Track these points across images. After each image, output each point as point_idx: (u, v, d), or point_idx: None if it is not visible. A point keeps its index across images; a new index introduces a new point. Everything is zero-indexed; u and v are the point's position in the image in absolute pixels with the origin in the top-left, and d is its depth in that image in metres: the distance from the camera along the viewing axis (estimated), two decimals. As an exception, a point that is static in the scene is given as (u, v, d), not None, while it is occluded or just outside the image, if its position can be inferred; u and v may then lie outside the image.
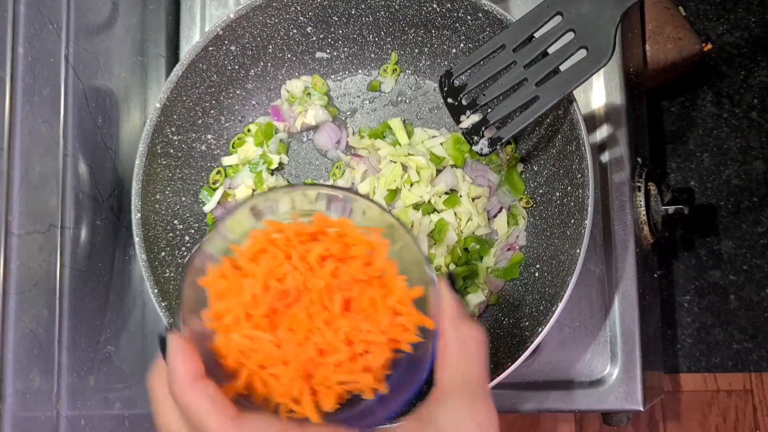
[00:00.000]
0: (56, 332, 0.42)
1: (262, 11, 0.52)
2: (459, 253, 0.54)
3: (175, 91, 0.51)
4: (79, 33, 0.46)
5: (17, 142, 0.39)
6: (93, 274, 0.47)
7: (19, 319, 0.38)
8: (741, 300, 0.94)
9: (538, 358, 0.56)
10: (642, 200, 0.58)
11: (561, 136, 0.50)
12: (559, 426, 0.90)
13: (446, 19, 0.53)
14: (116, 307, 0.50)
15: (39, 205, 0.41)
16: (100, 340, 0.47)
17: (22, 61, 0.40)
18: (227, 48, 0.52)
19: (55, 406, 0.41)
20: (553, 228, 0.52)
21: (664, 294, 0.95)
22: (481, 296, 0.54)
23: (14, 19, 0.40)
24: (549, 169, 0.53)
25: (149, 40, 0.57)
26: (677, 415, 0.92)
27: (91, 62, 0.47)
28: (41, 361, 0.40)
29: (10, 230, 0.38)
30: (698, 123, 0.99)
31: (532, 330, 0.48)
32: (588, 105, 0.58)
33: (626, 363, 0.56)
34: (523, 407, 0.56)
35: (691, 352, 0.94)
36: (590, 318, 0.56)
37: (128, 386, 0.51)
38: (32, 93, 0.41)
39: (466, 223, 0.54)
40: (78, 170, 0.45)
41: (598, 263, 0.56)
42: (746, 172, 0.97)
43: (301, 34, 0.55)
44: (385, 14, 0.54)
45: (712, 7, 1.02)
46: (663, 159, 0.99)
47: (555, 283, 0.49)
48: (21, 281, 0.39)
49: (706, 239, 0.96)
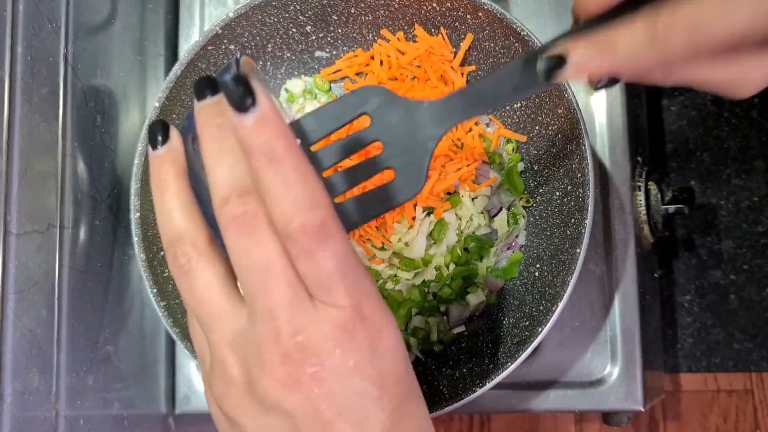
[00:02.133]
0: (55, 332, 0.42)
1: (261, 10, 0.52)
2: (459, 253, 0.53)
3: (174, 90, 0.51)
4: (78, 32, 0.46)
5: (16, 142, 0.39)
6: (92, 273, 0.47)
7: (18, 319, 0.38)
8: (741, 300, 0.94)
9: (538, 358, 0.56)
10: (642, 200, 0.58)
11: (561, 135, 0.50)
12: (559, 426, 0.90)
13: (446, 18, 0.53)
14: (115, 307, 0.50)
15: (38, 205, 0.41)
16: (98, 339, 0.47)
17: (21, 60, 0.40)
18: (226, 47, 0.52)
19: (53, 406, 0.41)
20: (553, 227, 0.52)
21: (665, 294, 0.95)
22: (481, 296, 0.54)
23: (13, 18, 0.39)
24: (549, 169, 0.53)
25: (148, 39, 0.57)
26: (677, 415, 0.92)
27: (90, 61, 0.47)
28: (40, 361, 0.40)
29: (8, 230, 0.38)
30: (698, 122, 0.99)
31: (532, 330, 0.47)
32: (588, 104, 0.58)
33: (626, 363, 0.55)
34: (523, 407, 0.56)
35: (691, 352, 0.94)
36: (590, 318, 0.56)
37: (127, 386, 0.51)
38: (31, 92, 0.40)
39: (466, 223, 0.54)
40: (77, 170, 0.45)
41: (598, 263, 0.56)
42: (746, 172, 0.97)
43: (300, 33, 0.55)
44: (384, 13, 0.54)
45: (713, 6, 1.01)
46: (663, 158, 0.98)
47: (555, 283, 0.49)
48: (19, 281, 0.39)
49: (707, 239, 0.96)
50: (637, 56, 0.29)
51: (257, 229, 0.27)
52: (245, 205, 0.27)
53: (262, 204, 0.27)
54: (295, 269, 0.27)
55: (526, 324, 0.49)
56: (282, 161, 0.26)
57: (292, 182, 0.26)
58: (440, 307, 0.54)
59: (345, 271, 0.27)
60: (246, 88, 0.26)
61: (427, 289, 0.54)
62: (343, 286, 0.27)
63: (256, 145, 0.26)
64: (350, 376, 0.28)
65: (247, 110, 0.26)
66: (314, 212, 0.26)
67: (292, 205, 0.26)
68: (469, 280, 0.54)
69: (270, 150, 0.26)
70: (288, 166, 0.26)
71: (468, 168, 0.54)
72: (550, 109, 0.51)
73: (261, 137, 0.26)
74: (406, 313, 0.53)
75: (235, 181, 0.27)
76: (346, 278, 0.27)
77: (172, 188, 0.30)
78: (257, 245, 0.27)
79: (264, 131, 0.26)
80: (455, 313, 0.54)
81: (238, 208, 0.27)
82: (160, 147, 0.30)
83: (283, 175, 0.26)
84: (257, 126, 0.26)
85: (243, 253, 0.27)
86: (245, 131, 0.26)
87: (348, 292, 0.27)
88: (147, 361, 0.55)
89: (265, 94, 0.26)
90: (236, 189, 0.27)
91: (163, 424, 0.57)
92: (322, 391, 0.27)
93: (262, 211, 0.27)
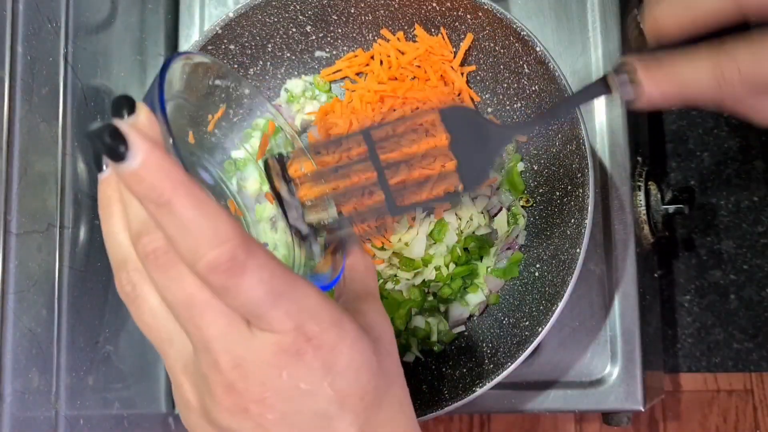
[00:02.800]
0: (55, 332, 0.42)
1: (261, 10, 0.52)
2: (459, 253, 0.53)
3: (174, 91, 0.51)
4: (78, 32, 0.46)
5: (16, 142, 0.39)
6: (92, 273, 0.47)
7: (18, 319, 0.38)
8: (741, 300, 0.94)
9: (538, 358, 0.56)
10: (642, 199, 0.58)
11: (561, 135, 0.50)
12: (559, 426, 0.90)
13: (446, 18, 0.52)
14: (115, 307, 0.50)
15: (38, 205, 0.41)
16: (98, 339, 0.47)
17: (21, 60, 0.40)
18: (226, 47, 0.52)
19: (53, 406, 0.41)
20: (553, 227, 0.52)
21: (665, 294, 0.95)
22: (481, 296, 0.54)
23: (13, 17, 0.39)
24: (549, 169, 0.53)
25: (148, 39, 0.57)
26: (677, 415, 0.92)
27: (90, 61, 0.47)
28: (40, 361, 0.40)
29: (8, 230, 0.38)
30: (698, 122, 0.99)
31: (532, 330, 0.47)
32: (588, 103, 0.58)
33: (626, 363, 0.55)
34: (523, 407, 0.56)
35: (691, 352, 0.94)
36: (590, 318, 0.56)
37: (127, 386, 0.51)
38: (31, 92, 0.40)
39: (466, 223, 0.54)
40: (77, 169, 0.45)
41: (598, 263, 0.56)
42: (746, 172, 0.97)
43: (300, 32, 0.55)
44: (384, 12, 0.54)
45: (713, 6, 1.01)
46: (663, 158, 0.98)
47: (555, 283, 0.49)
48: (19, 281, 0.39)
49: (707, 239, 0.96)
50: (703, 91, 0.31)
51: (171, 266, 0.26)
52: (154, 243, 0.26)
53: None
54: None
55: (526, 324, 0.49)
56: (171, 205, 0.24)
57: (188, 223, 0.24)
58: (440, 307, 0.54)
59: (275, 295, 0.26)
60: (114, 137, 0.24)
61: (427, 289, 0.54)
62: (280, 311, 0.26)
63: (141, 193, 0.25)
64: (303, 399, 0.27)
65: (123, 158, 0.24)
66: (219, 248, 0.25)
67: (193, 247, 0.25)
68: (469, 280, 0.54)
69: (157, 196, 0.24)
70: (179, 208, 0.24)
71: (468, 168, 0.53)
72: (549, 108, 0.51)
73: (142, 184, 0.24)
74: (406, 313, 0.53)
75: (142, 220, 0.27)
76: (279, 302, 0.26)
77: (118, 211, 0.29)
78: (176, 282, 0.26)
79: (144, 177, 0.24)
80: (455, 313, 0.54)
81: (149, 245, 0.26)
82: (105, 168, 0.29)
83: (176, 217, 0.24)
84: (137, 173, 0.24)
85: (165, 290, 0.26)
86: (126, 180, 0.25)
87: (287, 314, 0.26)
88: (147, 360, 0.55)
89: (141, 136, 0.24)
90: (145, 225, 0.26)
91: (163, 424, 0.57)
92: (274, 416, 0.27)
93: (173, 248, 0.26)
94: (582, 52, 0.59)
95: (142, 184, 0.24)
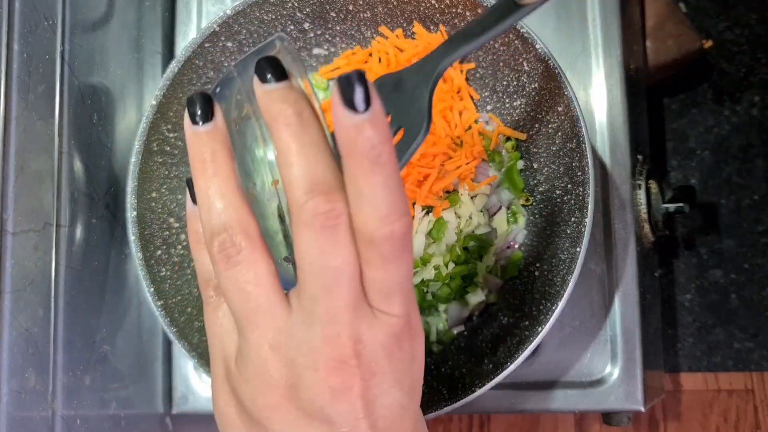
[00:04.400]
0: (51, 331, 0.42)
1: (259, 7, 0.51)
2: (458, 252, 0.53)
3: (171, 88, 0.50)
4: (74, 30, 0.45)
5: (12, 140, 0.39)
6: (88, 272, 0.47)
7: (14, 319, 0.38)
8: (742, 299, 0.94)
9: (538, 358, 0.56)
10: (643, 198, 0.58)
11: (561, 133, 0.50)
12: (559, 426, 0.90)
13: (445, 15, 0.52)
14: (112, 306, 0.50)
15: (34, 203, 0.41)
16: (95, 339, 0.47)
17: (17, 57, 0.39)
18: (224, 44, 0.52)
19: (50, 406, 0.41)
20: (553, 226, 0.52)
21: (665, 293, 0.95)
22: (481, 296, 0.53)
23: (9, 15, 0.39)
24: (549, 167, 0.52)
25: (145, 37, 0.57)
26: (678, 415, 0.91)
27: (87, 59, 0.47)
28: (36, 361, 0.40)
29: (4, 228, 0.38)
30: (699, 120, 0.98)
31: (532, 329, 0.47)
32: (588, 102, 0.58)
33: (626, 363, 0.55)
34: (523, 407, 0.56)
35: (691, 352, 0.93)
36: (590, 317, 0.56)
37: (124, 386, 0.50)
38: (27, 90, 0.40)
39: (465, 221, 0.54)
40: (73, 168, 0.45)
41: (598, 262, 0.56)
42: (747, 170, 0.97)
43: (298, 30, 0.54)
44: (383, 10, 0.53)
45: (713, 3, 1.01)
46: (664, 157, 0.98)
47: (555, 282, 0.48)
48: (16, 280, 0.38)
49: (707, 238, 0.96)
50: None
51: (338, 231, 0.26)
52: (331, 203, 0.26)
53: (347, 205, 0.26)
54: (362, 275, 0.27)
55: (526, 324, 0.49)
56: (384, 167, 0.25)
57: (392, 188, 0.25)
58: (439, 306, 0.54)
59: (407, 281, 0.27)
60: (365, 88, 0.25)
61: (426, 289, 0.54)
62: (402, 296, 0.27)
63: (363, 148, 0.25)
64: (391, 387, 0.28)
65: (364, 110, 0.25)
66: (402, 221, 0.26)
67: (386, 212, 0.25)
68: (468, 280, 0.53)
69: (376, 155, 0.25)
70: (389, 172, 0.25)
71: (467, 166, 0.53)
72: (549, 106, 0.50)
73: (370, 140, 0.25)
74: (405, 312, 0.53)
75: (319, 177, 0.26)
76: (405, 288, 0.27)
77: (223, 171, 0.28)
78: (334, 246, 0.26)
79: (374, 135, 0.25)
80: (454, 312, 0.54)
81: (323, 205, 0.26)
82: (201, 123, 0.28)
83: (385, 180, 0.25)
84: (369, 128, 0.25)
85: (319, 253, 0.26)
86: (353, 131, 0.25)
87: (404, 302, 0.27)
88: (144, 360, 0.54)
89: (377, 95, 0.25)
90: (320, 185, 0.26)
91: (161, 424, 0.56)
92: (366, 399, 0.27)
93: (347, 213, 0.26)
94: (582, 50, 0.58)
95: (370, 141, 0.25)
